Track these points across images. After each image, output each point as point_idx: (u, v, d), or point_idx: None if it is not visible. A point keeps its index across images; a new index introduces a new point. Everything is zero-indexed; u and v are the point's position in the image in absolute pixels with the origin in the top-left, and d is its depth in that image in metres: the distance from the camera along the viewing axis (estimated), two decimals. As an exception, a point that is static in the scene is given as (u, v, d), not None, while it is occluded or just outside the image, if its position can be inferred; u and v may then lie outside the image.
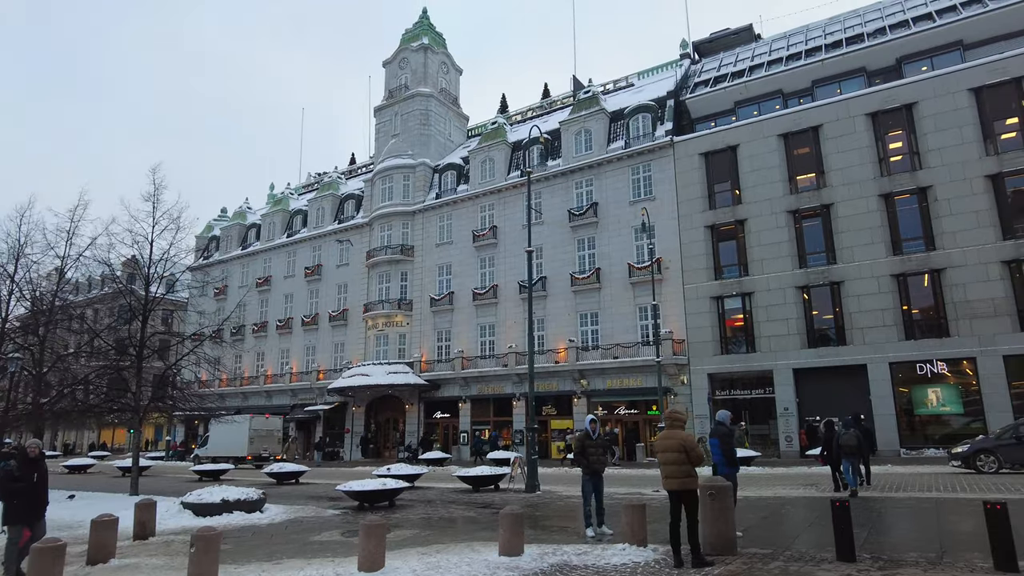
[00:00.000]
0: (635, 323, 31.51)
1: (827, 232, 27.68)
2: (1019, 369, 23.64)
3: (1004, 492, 12.83)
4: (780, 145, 29.31)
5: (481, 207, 38.46)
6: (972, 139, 25.46)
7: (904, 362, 25.13)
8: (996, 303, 23.89)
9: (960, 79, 26.10)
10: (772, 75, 31.65)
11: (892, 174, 26.84)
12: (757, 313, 28.37)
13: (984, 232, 24.53)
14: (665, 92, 34.77)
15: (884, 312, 25.73)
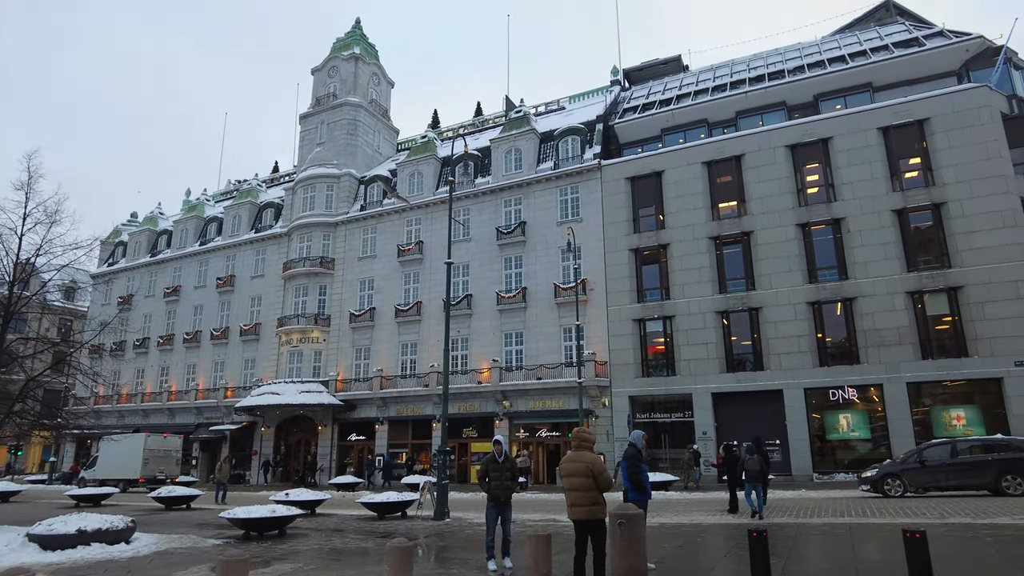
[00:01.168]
0: (559, 344, 31.11)
1: (747, 259, 28.20)
2: (920, 395, 24.57)
3: (910, 516, 12.84)
4: (704, 173, 29.83)
5: (407, 221, 37.41)
6: (880, 175, 26.62)
7: (818, 388, 25.67)
8: (901, 332, 24.80)
9: (869, 118, 27.34)
10: (698, 105, 32.34)
11: (809, 204, 27.70)
12: (678, 337, 28.49)
13: (891, 264, 25.53)
14: (595, 116, 35.00)
15: (800, 339, 26.29)
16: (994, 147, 25.22)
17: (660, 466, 26.70)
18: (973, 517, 12.32)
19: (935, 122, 26.15)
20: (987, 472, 16.56)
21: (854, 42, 32.33)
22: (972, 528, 10.93)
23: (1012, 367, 22.93)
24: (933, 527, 11.21)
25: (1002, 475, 16.40)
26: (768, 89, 30.95)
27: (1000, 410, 23.23)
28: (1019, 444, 17.12)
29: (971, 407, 24.17)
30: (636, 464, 8.28)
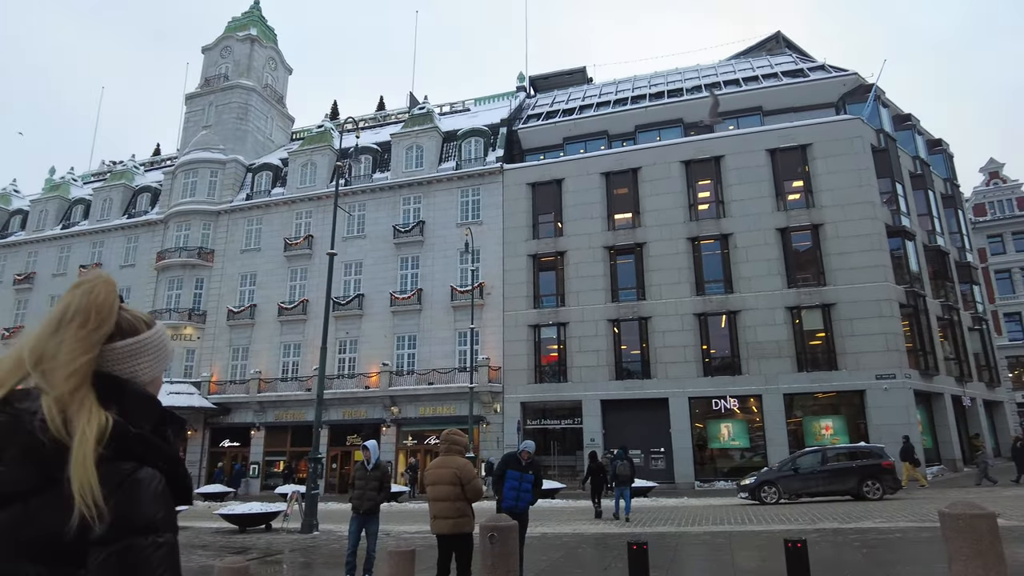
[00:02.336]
0: (454, 348, 30.28)
1: (639, 269, 28.66)
2: (794, 406, 25.80)
3: (785, 523, 13.07)
4: (602, 183, 30.13)
5: (297, 214, 35.37)
6: (767, 194, 27.87)
7: (702, 397, 26.36)
8: (780, 345, 25.96)
9: (759, 140, 28.62)
10: (600, 116, 32.74)
11: (700, 219, 28.55)
12: (571, 343, 28.47)
13: (773, 280, 26.71)
14: (499, 120, 34.65)
15: (686, 349, 26.93)
16: (865, 175, 27.05)
17: (549, 473, 26.43)
18: (840, 522, 12.68)
19: (816, 148, 27.73)
20: (851, 478, 17.39)
21: (747, 68, 33.93)
22: (841, 533, 11.16)
23: (873, 380, 24.51)
24: (806, 532, 11.35)
25: (863, 481, 17.27)
26: (667, 106, 31.81)
27: (862, 420, 24.77)
28: (878, 452, 18.13)
29: (838, 417, 25.65)
30: (501, 470, 7.64)
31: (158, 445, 1.20)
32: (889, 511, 13.94)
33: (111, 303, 1.24)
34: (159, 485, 1.15)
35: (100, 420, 1.13)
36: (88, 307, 1.21)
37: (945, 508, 5.89)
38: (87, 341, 1.18)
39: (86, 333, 1.19)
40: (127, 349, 1.25)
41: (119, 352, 1.24)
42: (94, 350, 1.19)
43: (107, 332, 1.22)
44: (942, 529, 5.96)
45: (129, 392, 1.22)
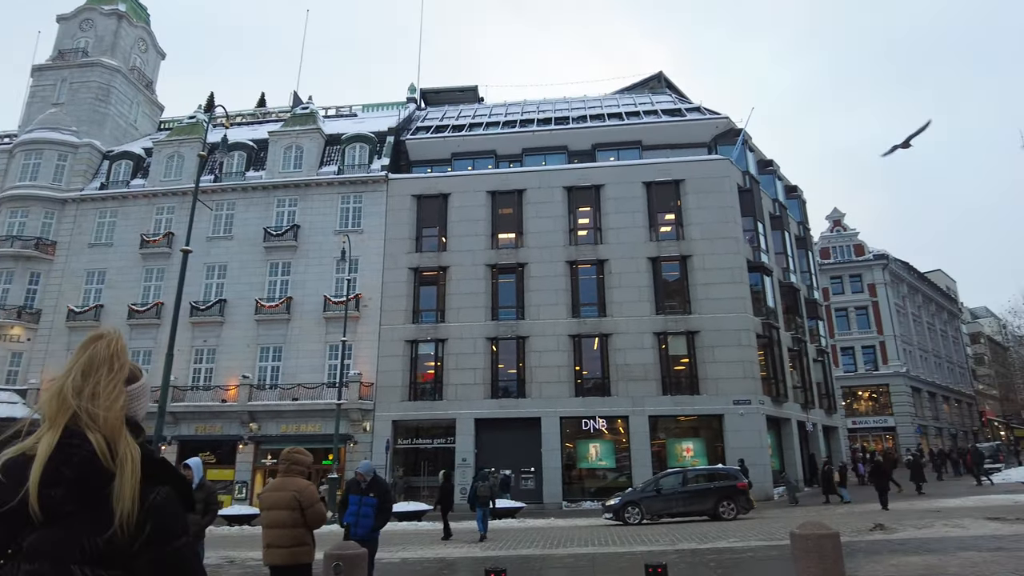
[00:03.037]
0: (323, 362, 28.82)
1: (519, 289, 28.82)
2: (658, 428, 26.81)
3: (647, 544, 13.27)
4: (488, 201, 30.14)
5: (158, 209, 32.44)
6: (641, 224, 29.07)
7: (573, 417, 26.74)
8: (647, 368, 26.95)
9: (637, 172, 29.89)
10: (489, 135, 32.85)
11: (578, 244, 29.25)
12: (448, 361, 27.99)
13: (643, 306, 27.78)
14: (387, 128, 33.87)
15: (560, 369, 27.29)
16: (731, 212, 28.98)
17: (422, 495, 25.65)
18: (699, 542, 13.05)
19: (688, 184, 29.35)
20: (709, 499, 18.16)
21: (630, 103, 35.51)
22: (698, 553, 11.44)
23: (731, 405, 26.02)
24: (666, 554, 11.54)
25: (720, 502, 18.08)
26: (554, 132, 32.52)
27: (719, 443, 26.17)
28: (734, 473, 19.10)
29: (698, 440, 26.95)
30: (344, 495, 7.11)
31: (172, 468, 1.53)
32: (742, 531, 14.60)
33: (125, 353, 1.56)
34: (176, 499, 1.49)
35: (136, 452, 1.45)
36: (111, 356, 1.52)
37: (796, 529, 6.03)
38: (118, 385, 1.50)
39: (114, 377, 1.51)
40: (134, 392, 1.57)
41: (130, 394, 1.55)
42: (123, 393, 1.51)
43: (125, 376, 1.54)
44: (792, 548, 6.09)
45: (134, 425, 1.53)
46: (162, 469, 1.50)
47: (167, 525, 1.44)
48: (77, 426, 1.44)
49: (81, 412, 1.45)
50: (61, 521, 1.37)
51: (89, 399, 1.46)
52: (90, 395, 1.47)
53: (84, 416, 1.45)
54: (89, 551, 1.36)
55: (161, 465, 1.50)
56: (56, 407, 1.46)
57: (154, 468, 1.48)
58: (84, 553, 1.35)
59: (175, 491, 1.50)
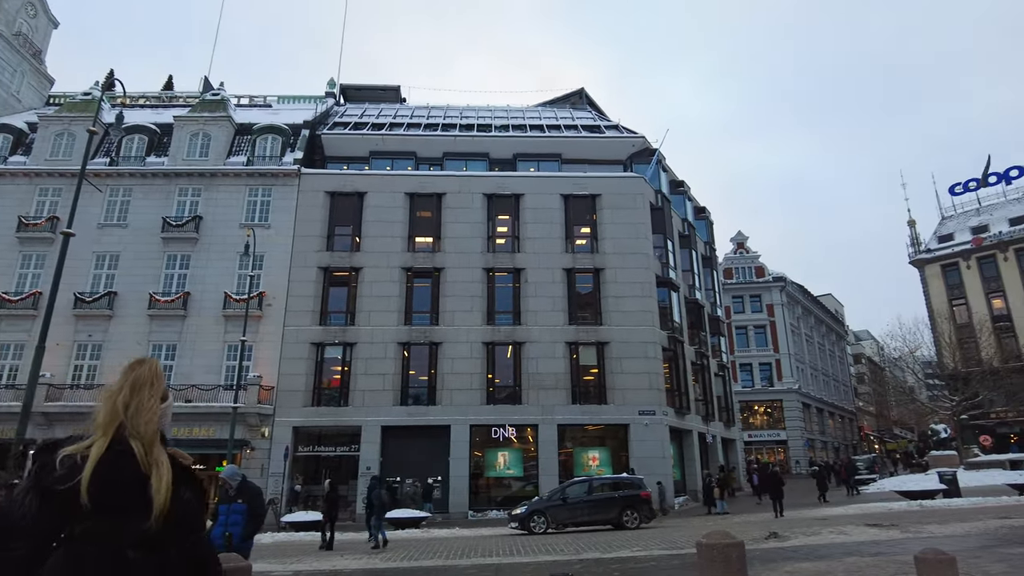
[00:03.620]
0: (221, 363, 27.19)
1: (435, 294, 28.38)
2: (566, 437, 27.01)
3: (552, 553, 13.18)
4: (406, 203, 29.57)
5: (42, 190, 29.69)
6: (558, 236, 29.37)
7: (483, 425, 26.49)
8: (558, 378, 27.14)
9: (556, 185, 30.22)
10: (410, 136, 32.31)
11: (496, 252, 29.17)
12: (356, 365, 27.10)
13: (556, 315, 28.01)
14: (302, 121, 32.63)
15: (472, 376, 27.01)
16: (643, 229, 29.80)
17: (318, 504, 24.53)
18: (602, 551, 13.09)
19: (604, 199, 29.96)
20: (613, 508, 18.37)
21: (552, 116, 35.98)
22: (602, 563, 11.43)
23: (637, 415, 26.61)
24: (571, 564, 11.48)
25: (624, 510, 18.32)
26: (476, 138, 32.38)
27: (624, 453, 26.67)
28: (638, 483, 19.45)
29: (604, 449, 27.37)
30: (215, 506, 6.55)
31: (195, 473, 1.90)
32: (645, 540, 14.79)
33: (162, 376, 1.96)
34: (198, 499, 1.85)
35: (166, 459, 1.80)
36: (152, 378, 1.90)
37: (702, 538, 6.03)
38: (157, 402, 1.88)
39: (154, 394, 1.88)
40: (166, 409, 1.95)
41: (163, 410, 1.94)
42: (159, 408, 1.88)
43: (162, 395, 1.92)
44: (698, 558, 6.08)
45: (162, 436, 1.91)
46: (188, 474, 1.85)
47: (191, 519, 1.80)
48: (122, 435, 1.78)
49: (128, 423, 1.80)
50: (110, 512, 1.69)
51: (134, 413, 1.81)
52: (135, 410, 1.82)
53: (129, 427, 1.80)
54: (134, 537, 1.69)
55: (187, 471, 1.85)
56: (108, 418, 1.81)
57: (181, 473, 1.81)
58: (131, 538, 1.69)
59: (196, 493, 1.84)
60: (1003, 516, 15.35)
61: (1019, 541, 11.10)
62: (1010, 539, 11.43)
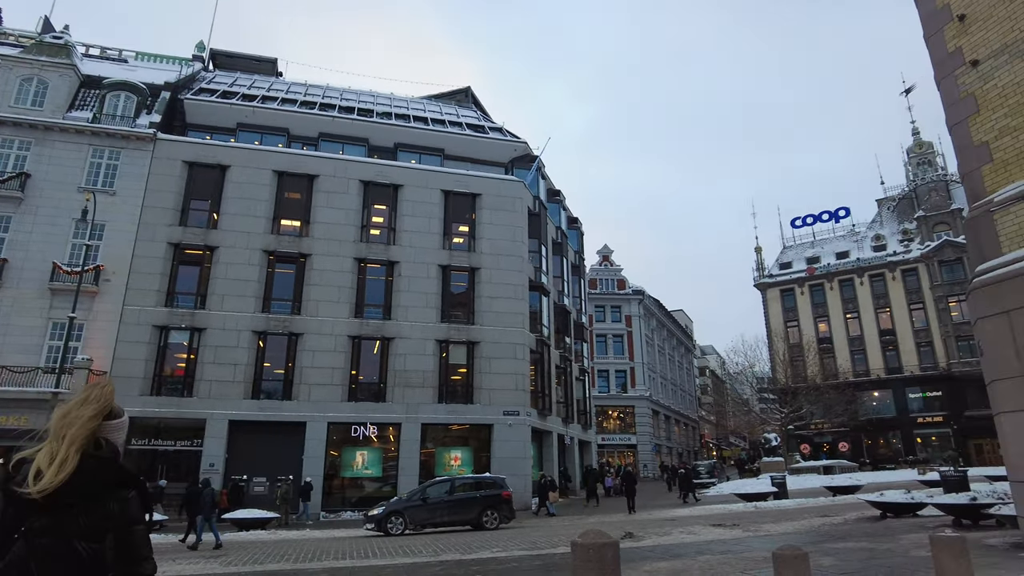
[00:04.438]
0: (43, 342, 23.85)
1: (299, 281, 26.78)
2: (429, 436, 26.49)
3: (409, 555, 12.66)
4: (274, 182, 27.69)
5: None
6: (436, 231, 28.85)
7: (342, 423, 25.30)
8: (426, 376, 26.58)
9: (437, 179, 29.68)
10: (283, 112, 30.31)
11: (370, 242, 28.09)
12: (204, 353, 24.87)
13: (429, 312, 27.45)
14: (163, 82, 29.57)
15: (335, 371, 25.74)
16: (520, 233, 30.05)
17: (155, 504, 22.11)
18: (462, 553, 12.77)
19: (484, 199, 29.86)
20: (474, 508, 18.13)
21: (436, 110, 35.38)
22: (463, 564, 11.11)
23: (501, 415, 26.67)
24: (430, 566, 11.05)
25: (484, 511, 18.15)
26: (356, 122, 31.04)
27: (486, 453, 26.60)
28: (500, 482, 19.37)
29: (466, 449, 27.15)
30: None
31: (136, 476, 2.17)
32: (505, 540, 14.66)
33: (112, 397, 2.23)
34: (139, 499, 2.13)
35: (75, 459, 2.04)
36: (102, 396, 2.18)
37: (578, 538, 5.86)
38: (97, 418, 2.15)
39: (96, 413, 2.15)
40: (114, 425, 2.21)
41: (110, 426, 2.20)
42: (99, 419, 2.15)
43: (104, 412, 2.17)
44: (573, 558, 5.91)
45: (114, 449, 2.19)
46: (131, 477, 2.15)
47: (132, 515, 2.09)
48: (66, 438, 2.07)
49: (62, 431, 2.08)
50: (59, 509, 1.96)
51: (67, 424, 2.09)
52: (68, 421, 2.10)
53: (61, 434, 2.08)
54: (83, 530, 1.97)
55: (131, 474, 2.16)
56: (59, 425, 2.10)
57: (126, 476, 2.14)
58: (80, 531, 1.97)
59: (139, 493, 2.14)
60: (824, 515, 16.94)
61: (840, 537, 12.18)
62: (833, 535, 12.52)
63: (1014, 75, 8.51)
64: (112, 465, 2.11)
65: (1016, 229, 8.19)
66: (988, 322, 8.25)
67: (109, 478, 2.08)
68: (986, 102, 8.83)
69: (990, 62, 8.84)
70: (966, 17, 9.24)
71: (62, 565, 1.92)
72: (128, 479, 2.13)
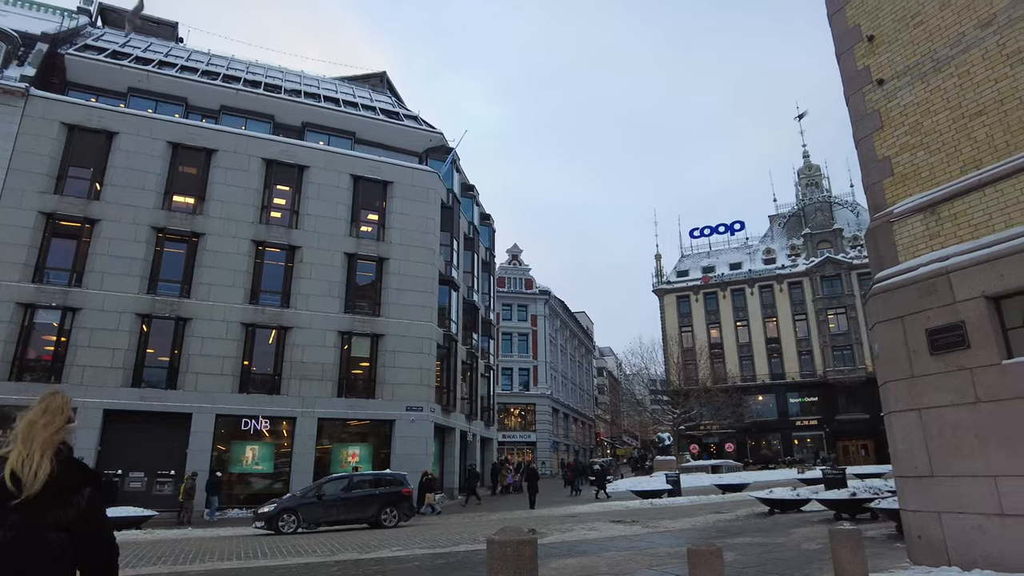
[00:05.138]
0: None
1: (190, 262, 24.91)
2: (325, 432, 25.39)
3: (303, 555, 11.90)
4: (167, 153, 25.60)
5: None
6: (343, 218, 27.71)
7: (233, 415, 23.76)
8: (325, 368, 25.44)
9: (347, 163, 28.52)
10: (182, 80, 28.09)
11: (270, 224, 26.57)
12: (78, 335, 22.58)
13: (332, 302, 26.31)
14: (40, 32, 26.63)
15: (225, 360, 24.11)
16: (432, 225, 29.44)
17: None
18: (360, 552, 12.16)
19: (396, 188, 29.01)
20: (373, 506, 17.46)
21: (349, 93, 34.08)
22: (361, 564, 10.53)
23: (404, 411, 25.99)
24: (325, 566, 10.41)
25: (383, 508, 17.51)
26: (261, 97, 29.26)
27: (386, 450, 25.84)
28: (400, 479, 18.79)
29: (365, 445, 26.25)
30: None
31: (95, 473, 2.52)
32: (404, 539, 14.14)
33: (69, 406, 2.55)
34: (98, 493, 2.43)
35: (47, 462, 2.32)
36: (60, 406, 2.50)
37: (495, 535, 5.56)
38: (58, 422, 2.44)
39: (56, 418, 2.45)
40: (69, 429, 2.52)
41: (67, 430, 2.51)
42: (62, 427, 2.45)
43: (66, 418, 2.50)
44: (488, 556, 5.59)
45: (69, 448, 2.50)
46: (92, 475, 2.48)
47: (95, 508, 2.38)
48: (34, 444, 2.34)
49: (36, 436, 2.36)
50: (34, 505, 2.24)
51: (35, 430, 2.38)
52: (43, 426, 2.39)
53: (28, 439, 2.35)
54: (53, 523, 2.26)
55: (92, 473, 2.49)
56: (25, 432, 2.37)
57: (87, 474, 2.45)
58: (50, 523, 2.26)
59: (97, 487, 2.45)
60: (717, 512, 17.60)
61: (736, 532, 12.60)
62: (729, 531, 12.94)
63: (914, 96, 9.04)
64: (76, 467, 2.43)
65: (912, 240, 8.69)
66: (884, 326, 8.70)
67: (74, 478, 2.37)
68: (890, 119, 9.33)
69: (894, 82, 9.35)
70: (875, 38, 9.74)
71: (36, 551, 2.21)
72: (89, 477, 2.44)
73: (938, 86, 8.78)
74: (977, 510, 7.36)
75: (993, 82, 8.17)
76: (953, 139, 8.49)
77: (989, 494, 7.30)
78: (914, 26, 9.25)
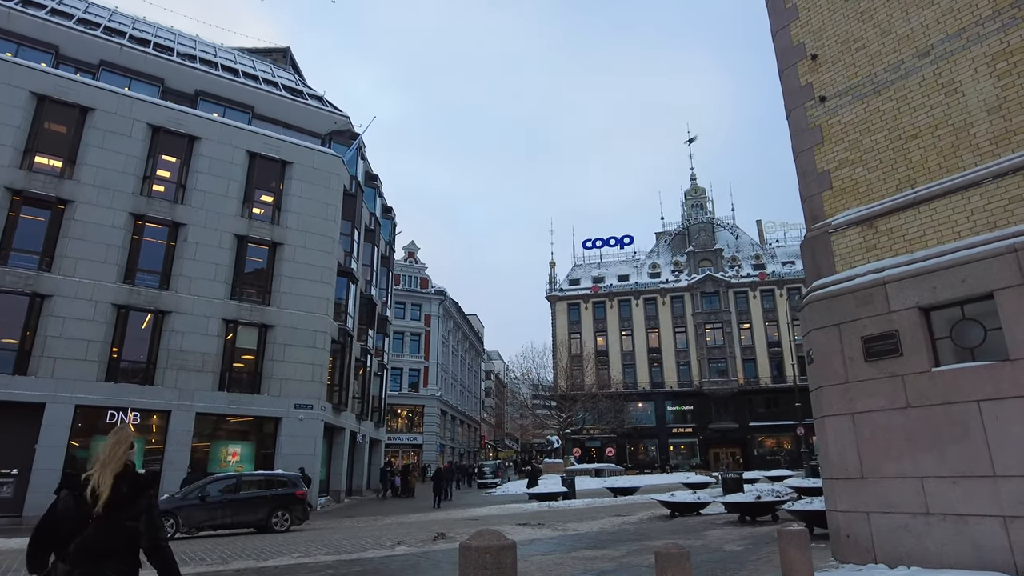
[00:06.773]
0: None
1: (53, 233, 21.90)
2: (204, 428, 23.27)
3: (192, 564, 10.54)
4: (30, 106, 22.39)
5: None
6: (235, 196, 25.61)
7: (96, 407, 21.06)
8: (206, 359, 23.29)
9: (243, 138, 26.41)
10: (54, 25, 24.79)
11: (152, 197, 24.00)
12: (-97, 307, 19.15)
13: (217, 287, 24.18)
14: None
15: (91, 344, 21.38)
16: (332, 212, 27.95)
17: None
18: (257, 559, 10.98)
19: (295, 169, 27.25)
20: (263, 508, 16.04)
21: (249, 65, 31.73)
22: (263, 572, 9.45)
23: (292, 408, 24.34)
24: (222, 575, 9.23)
25: (274, 512, 16.13)
26: (151, 58, 26.46)
27: (270, 449, 24.06)
28: (294, 480, 17.46)
29: (247, 444, 24.34)
30: None
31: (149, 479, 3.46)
32: (302, 544, 12.98)
33: (131, 435, 3.51)
34: (154, 497, 3.41)
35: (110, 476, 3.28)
36: (125, 438, 3.44)
37: (471, 540, 4.98)
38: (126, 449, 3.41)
39: (125, 446, 3.41)
40: (132, 452, 3.52)
41: (131, 454, 3.47)
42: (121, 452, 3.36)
43: (129, 446, 3.44)
44: (462, 564, 5.01)
45: (133, 463, 3.49)
46: (148, 482, 3.41)
47: (153, 504, 3.34)
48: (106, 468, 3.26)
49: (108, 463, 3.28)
50: (113, 507, 3.19)
51: (107, 456, 3.30)
52: (108, 455, 3.31)
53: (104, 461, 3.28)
54: (127, 516, 3.22)
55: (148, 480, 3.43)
56: (108, 456, 3.29)
57: (146, 482, 3.40)
58: (125, 517, 3.21)
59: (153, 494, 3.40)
60: (618, 514, 17.75)
61: (646, 535, 12.65)
62: (640, 533, 12.98)
63: (854, 115, 9.46)
64: (138, 478, 3.38)
65: (849, 251, 9.05)
66: (820, 333, 8.98)
67: (138, 486, 3.33)
68: (830, 135, 9.72)
69: (836, 100, 9.75)
70: (818, 57, 10.13)
71: (120, 535, 3.19)
72: (147, 484, 3.41)
73: (877, 107, 9.22)
74: (904, 509, 7.69)
75: (928, 108, 8.66)
76: (890, 158, 8.92)
77: (916, 494, 7.64)
78: (856, 49, 9.68)
